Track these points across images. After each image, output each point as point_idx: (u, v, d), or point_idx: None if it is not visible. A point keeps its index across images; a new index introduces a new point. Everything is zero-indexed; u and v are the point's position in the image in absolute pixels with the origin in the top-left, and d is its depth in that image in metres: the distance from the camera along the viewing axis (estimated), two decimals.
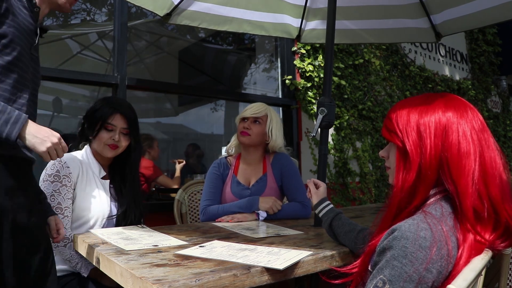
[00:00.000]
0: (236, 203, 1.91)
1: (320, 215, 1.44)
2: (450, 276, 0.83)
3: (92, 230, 1.54)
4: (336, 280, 1.01)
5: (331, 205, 1.45)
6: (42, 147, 1.11)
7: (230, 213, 1.88)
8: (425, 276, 0.80)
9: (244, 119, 2.04)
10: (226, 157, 2.13)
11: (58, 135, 1.15)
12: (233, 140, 2.13)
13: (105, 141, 1.66)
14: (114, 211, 1.69)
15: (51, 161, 1.39)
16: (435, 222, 0.85)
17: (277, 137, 2.02)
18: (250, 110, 2.03)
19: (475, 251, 0.85)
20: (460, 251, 0.84)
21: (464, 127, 0.91)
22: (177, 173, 3.84)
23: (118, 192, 1.74)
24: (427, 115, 0.94)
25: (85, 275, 1.55)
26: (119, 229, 1.57)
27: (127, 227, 1.61)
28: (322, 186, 1.51)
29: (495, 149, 0.92)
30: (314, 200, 1.48)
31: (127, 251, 1.19)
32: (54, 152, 1.13)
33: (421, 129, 0.92)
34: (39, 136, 1.12)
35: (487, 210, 0.87)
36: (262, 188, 2.01)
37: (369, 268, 0.93)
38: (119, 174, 1.77)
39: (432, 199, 0.91)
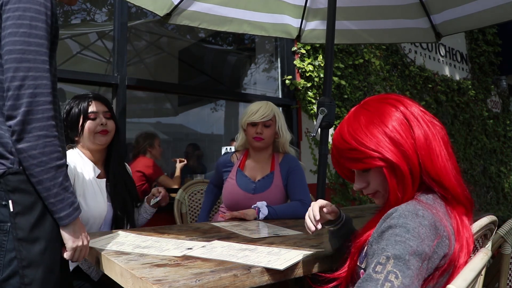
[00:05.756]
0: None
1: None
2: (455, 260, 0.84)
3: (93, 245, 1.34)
4: (325, 286, 0.99)
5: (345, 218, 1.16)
6: (73, 244, 1.08)
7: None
8: (431, 256, 0.80)
9: (254, 124, 2.01)
10: (231, 154, 2.14)
11: (88, 239, 1.14)
12: (241, 139, 2.12)
13: (94, 129, 1.65)
14: (111, 211, 1.68)
15: None
16: (429, 206, 0.86)
17: (286, 132, 2.08)
18: (258, 114, 1.99)
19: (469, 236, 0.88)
20: (456, 238, 0.86)
21: (417, 115, 0.93)
22: (177, 173, 3.83)
23: (112, 189, 1.72)
24: (386, 120, 0.92)
25: (95, 280, 1.54)
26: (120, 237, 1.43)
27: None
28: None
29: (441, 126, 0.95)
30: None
31: (128, 251, 1.19)
32: (78, 253, 1.10)
33: (392, 137, 0.90)
34: (78, 232, 1.09)
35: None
36: (267, 185, 2.01)
37: (358, 264, 0.93)
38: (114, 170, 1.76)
39: (418, 192, 0.92)
